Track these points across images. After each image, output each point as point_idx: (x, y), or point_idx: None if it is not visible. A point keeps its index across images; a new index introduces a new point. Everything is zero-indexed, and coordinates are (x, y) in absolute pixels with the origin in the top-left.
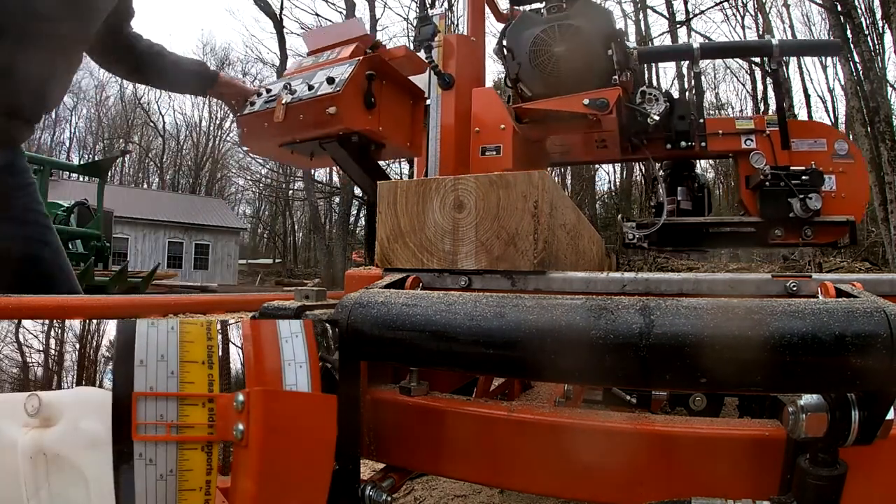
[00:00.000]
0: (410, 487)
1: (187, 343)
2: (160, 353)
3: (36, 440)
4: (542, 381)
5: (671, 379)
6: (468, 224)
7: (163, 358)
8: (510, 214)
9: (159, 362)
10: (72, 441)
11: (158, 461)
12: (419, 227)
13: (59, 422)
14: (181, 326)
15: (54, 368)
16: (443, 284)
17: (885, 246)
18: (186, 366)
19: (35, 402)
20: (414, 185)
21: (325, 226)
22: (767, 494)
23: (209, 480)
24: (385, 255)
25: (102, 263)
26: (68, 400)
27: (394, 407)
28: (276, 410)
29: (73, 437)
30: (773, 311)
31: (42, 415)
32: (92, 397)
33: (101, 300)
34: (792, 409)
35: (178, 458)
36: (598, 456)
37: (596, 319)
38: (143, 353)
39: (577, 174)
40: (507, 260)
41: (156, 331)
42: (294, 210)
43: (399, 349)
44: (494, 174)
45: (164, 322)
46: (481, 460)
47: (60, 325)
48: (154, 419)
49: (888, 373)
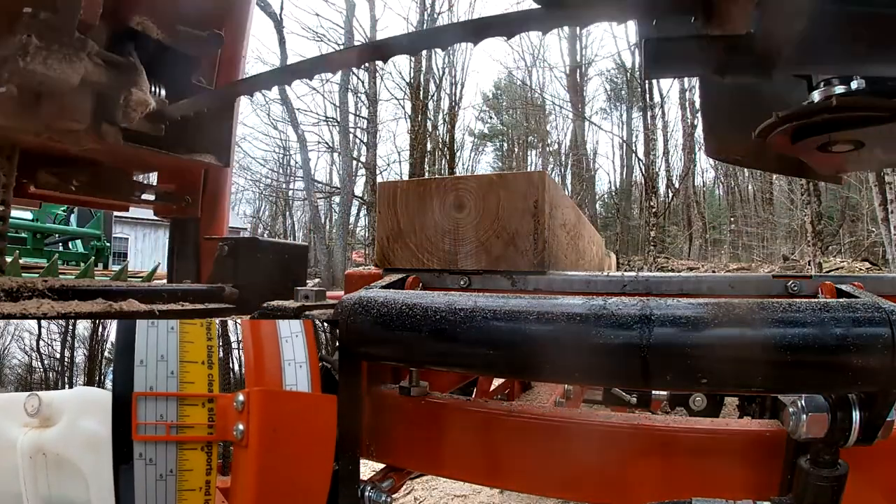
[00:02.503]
0: (410, 487)
1: (187, 343)
2: (160, 353)
3: (35, 440)
4: (542, 381)
5: (671, 379)
6: (468, 224)
7: (163, 358)
8: (510, 214)
9: (159, 362)
10: (71, 441)
11: (158, 461)
12: (419, 227)
13: (58, 422)
14: (181, 326)
15: (54, 368)
16: (443, 284)
17: (885, 246)
18: (186, 366)
19: (35, 401)
20: (414, 184)
21: (325, 226)
22: (768, 495)
23: (209, 480)
24: (385, 255)
25: (102, 263)
26: (68, 400)
27: (394, 407)
28: (276, 410)
29: (72, 437)
30: (774, 312)
31: (42, 414)
32: (91, 397)
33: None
34: (793, 410)
35: (178, 457)
36: (598, 456)
37: (596, 319)
38: (142, 353)
39: (577, 174)
40: (507, 260)
41: (156, 331)
42: (294, 210)
43: (399, 349)
44: (494, 174)
45: (163, 322)
46: (481, 460)
47: (61, 324)
48: (154, 419)
49: (889, 373)
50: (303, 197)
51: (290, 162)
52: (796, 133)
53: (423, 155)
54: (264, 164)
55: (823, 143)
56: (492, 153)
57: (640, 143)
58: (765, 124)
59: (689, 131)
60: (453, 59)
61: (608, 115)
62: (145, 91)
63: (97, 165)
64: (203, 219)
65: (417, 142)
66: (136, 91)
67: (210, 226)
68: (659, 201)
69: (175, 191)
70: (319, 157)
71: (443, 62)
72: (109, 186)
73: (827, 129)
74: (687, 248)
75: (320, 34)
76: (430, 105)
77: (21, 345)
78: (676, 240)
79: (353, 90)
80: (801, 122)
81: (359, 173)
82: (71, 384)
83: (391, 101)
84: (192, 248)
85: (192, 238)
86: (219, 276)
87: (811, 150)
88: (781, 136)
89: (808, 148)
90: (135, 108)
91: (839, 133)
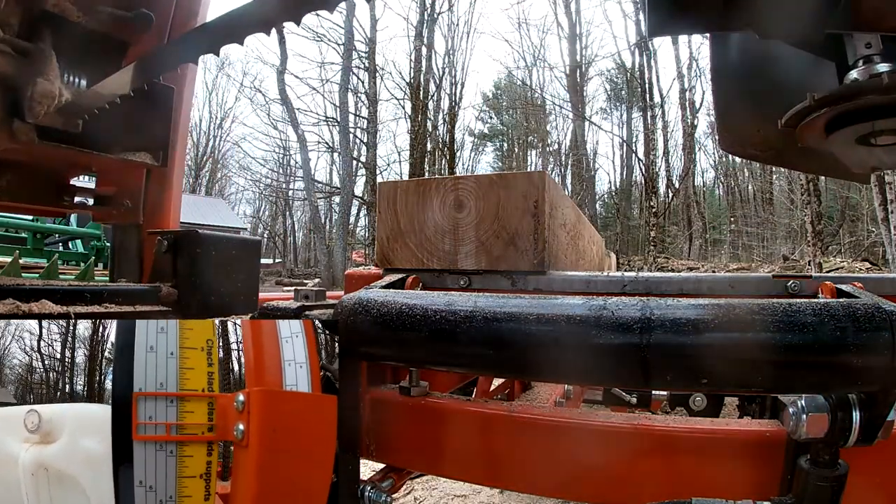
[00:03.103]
0: (410, 487)
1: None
2: (160, 353)
3: (37, 456)
4: (542, 381)
5: (671, 379)
6: (468, 224)
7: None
8: (510, 214)
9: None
10: (73, 459)
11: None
12: (419, 227)
13: (59, 438)
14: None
15: (55, 368)
16: (443, 284)
17: (885, 246)
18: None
19: (35, 418)
20: (414, 184)
21: (325, 226)
22: (768, 495)
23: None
24: (385, 255)
25: (103, 263)
26: (67, 416)
27: (394, 407)
28: (276, 410)
29: (74, 454)
30: (774, 312)
31: (42, 430)
32: (90, 416)
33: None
34: (793, 410)
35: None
36: (598, 456)
37: (596, 320)
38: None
39: (577, 174)
40: (507, 260)
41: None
42: (294, 210)
43: (399, 349)
44: (495, 174)
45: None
46: (481, 460)
47: (61, 324)
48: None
49: (889, 373)
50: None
51: (290, 162)
52: (833, 121)
53: (423, 155)
54: (264, 164)
55: (866, 133)
56: (492, 153)
57: (640, 143)
58: (795, 109)
59: (689, 131)
60: (453, 59)
61: (608, 115)
62: (53, 81)
63: (21, 167)
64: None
65: (417, 142)
66: (41, 82)
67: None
68: (659, 201)
69: (114, 194)
70: (319, 157)
71: (443, 62)
72: (36, 191)
73: (870, 117)
74: (687, 248)
75: (320, 34)
76: (430, 105)
77: (21, 343)
78: (676, 240)
79: (353, 90)
80: (844, 105)
81: (359, 173)
82: (71, 384)
83: (391, 101)
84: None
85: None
86: (158, 274)
87: (847, 143)
88: (813, 125)
89: (845, 139)
90: (40, 102)
91: (887, 121)
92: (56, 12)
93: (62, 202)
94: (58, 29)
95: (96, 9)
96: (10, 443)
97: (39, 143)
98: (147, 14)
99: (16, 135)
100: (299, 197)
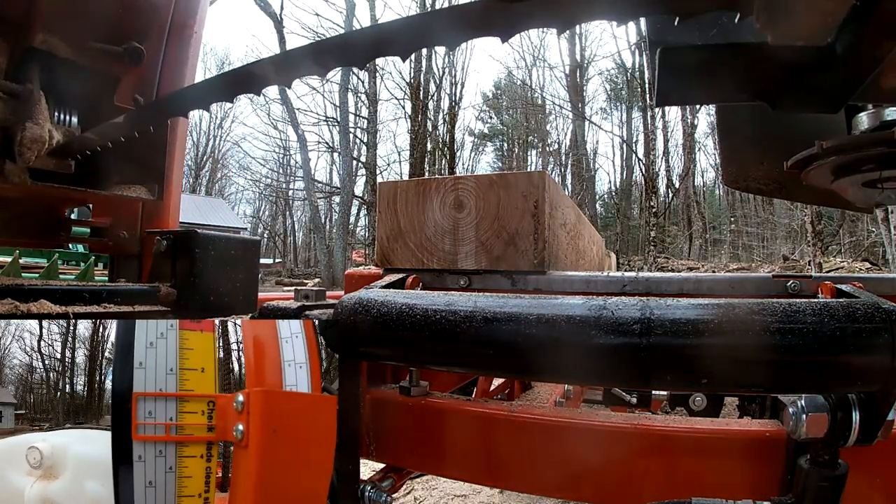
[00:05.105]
0: (410, 487)
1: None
2: (159, 353)
3: (42, 492)
4: (542, 381)
5: (671, 380)
6: (468, 224)
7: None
8: (510, 214)
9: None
10: (78, 499)
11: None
12: (419, 227)
13: (62, 473)
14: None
15: (55, 368)
16: (443, 284)
17: (885, 246)
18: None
19: (36, 455)
20: (414, 184)
21: (325, 226)
22: (768, 495)
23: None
24: (385, 254)
25: (103, 263)
26: (70, 456)
27: (394, 407)
28: (276, 411)
29: (79, 495)
30: (774, 312)
31: (45, 466)
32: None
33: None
34: (793, 410)
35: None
36: (598, 456)
37: (596, 320)
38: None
39: (577, 174)
40: (507, 260)
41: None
42: (294, 210)
43: (399, 349)
44: (495, 174)
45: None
46: (481, 460)
47: (61, 324)
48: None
49: (889, 373)
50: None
51: (290, 162)
52: (840, 167)
53: (423, 155)
54: (264, 164)
55: (873, 178)
56: (492, 153)
57: (640, 143)
58: (802, 155)
59: (689, 131)
60: (453, 59)
61: (608, 115)
62: (42, 125)
63: (14, 204)
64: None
65: (417, 142)
66: (30, 126)
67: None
68: (659, 201)
69: (110, 225)
70: (319, 157)
71: (443, 62)
72: (30, 227)
73: (878, 164)
74: (687, 248)
75: (320, 34)
76: (430, 105)
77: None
78: (676, 240)
79: (353, 90)
80: (853, 155)
81: (359, 173)
82: (71, 385)
83: (391, 101)
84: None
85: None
86: (157, 274)
87: (854, 185)
88: (820, 170)
89: (852, 184)
90: (30, 147)
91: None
92: (44, 49)
93: (58, 236)
94: (47, 66)
95: (86, 45)
96: (16, 476)
97: (32, 184)
98: (138, 48)
99: (8, 176)
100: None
